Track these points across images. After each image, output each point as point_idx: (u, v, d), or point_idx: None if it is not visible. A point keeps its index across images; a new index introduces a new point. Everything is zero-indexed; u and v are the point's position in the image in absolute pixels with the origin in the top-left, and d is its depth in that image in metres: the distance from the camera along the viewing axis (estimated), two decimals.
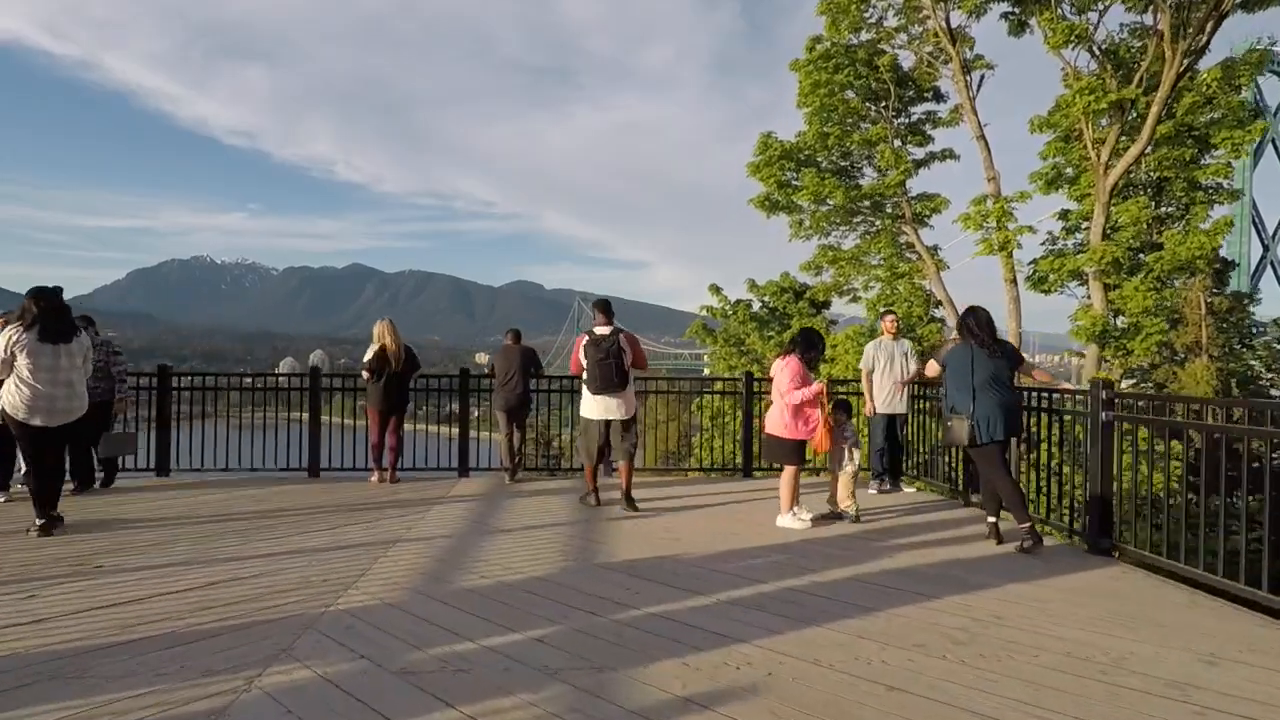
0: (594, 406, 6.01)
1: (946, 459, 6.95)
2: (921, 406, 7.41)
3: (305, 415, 7.77)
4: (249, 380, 8.07)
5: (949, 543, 5.04)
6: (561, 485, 7.18)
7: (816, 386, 5.40)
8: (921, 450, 7.50)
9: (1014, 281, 16.97)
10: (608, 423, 6.04)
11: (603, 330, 6.02)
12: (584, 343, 6.02)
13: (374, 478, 7.24)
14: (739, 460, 8.33)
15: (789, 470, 5.49)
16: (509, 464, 7.31)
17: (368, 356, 7.09)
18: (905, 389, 6.95)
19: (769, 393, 7.34)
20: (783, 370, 5.47)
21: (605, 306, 6.29)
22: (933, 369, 5.32)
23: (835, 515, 5.73)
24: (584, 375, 5.98)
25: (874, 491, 6.97)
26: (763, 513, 5.91)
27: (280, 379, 8.01)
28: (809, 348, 5.58)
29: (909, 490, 7.22)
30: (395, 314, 7.41)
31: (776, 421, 5.47)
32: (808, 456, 5.88)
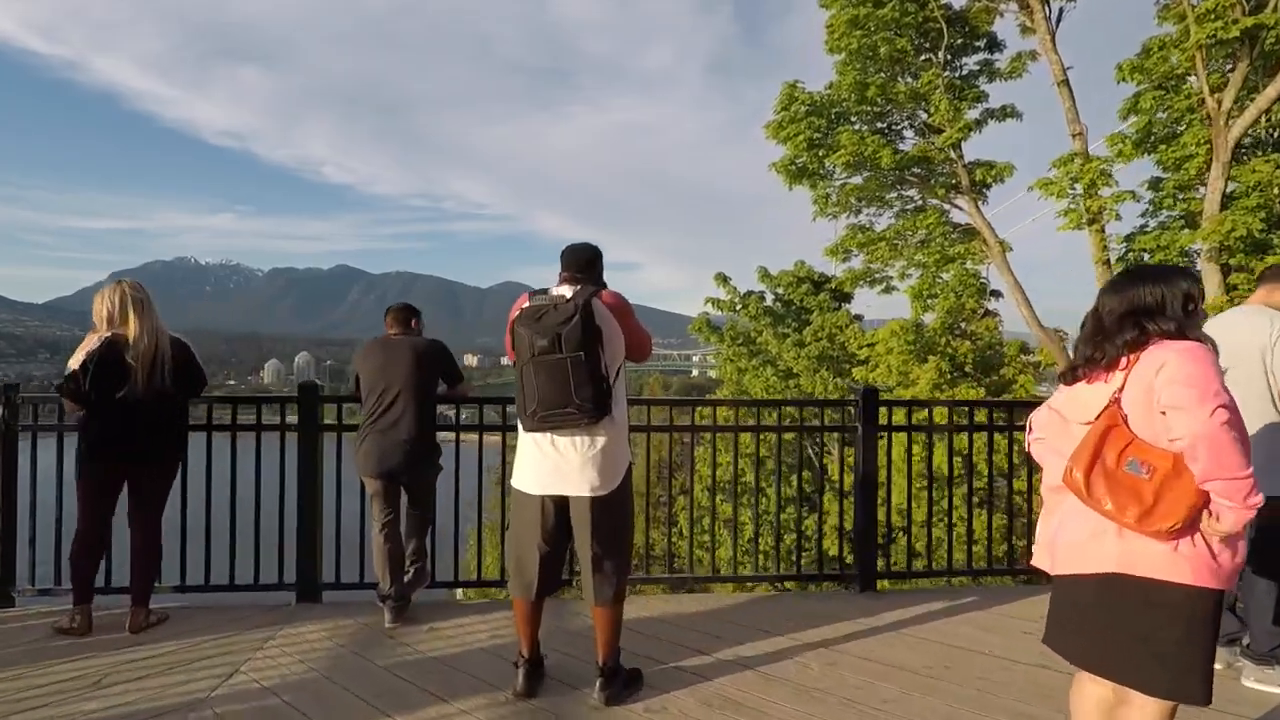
0: (530, 466, 2.58)
1: None
2: None
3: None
4: None
5: None
6: (496, 633, 3.44)
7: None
8: None
9: (1107, 263, 13.44)
10: (560, 505, 2.60)
11: (561, 291, 2.57)
12: (516, 316, 2.53)
13: (66, 621, 3.38)
14: (844, 553, 4.67)
15: (1162, 710, 1.82)
16: (387, 590, 3.54)
17: (75, 359, 3.34)
18: None
19: (922, 425, 3.74)
20: (1176, 386, 1.77)
21: (572, 253, 2.71)
22: None
23: None
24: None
25: None
26: None
27: None
28: (1192, 304, 1.90)
29: None
30: (381, 315, 3.36)
31: (1156, 550, 1.78)
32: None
